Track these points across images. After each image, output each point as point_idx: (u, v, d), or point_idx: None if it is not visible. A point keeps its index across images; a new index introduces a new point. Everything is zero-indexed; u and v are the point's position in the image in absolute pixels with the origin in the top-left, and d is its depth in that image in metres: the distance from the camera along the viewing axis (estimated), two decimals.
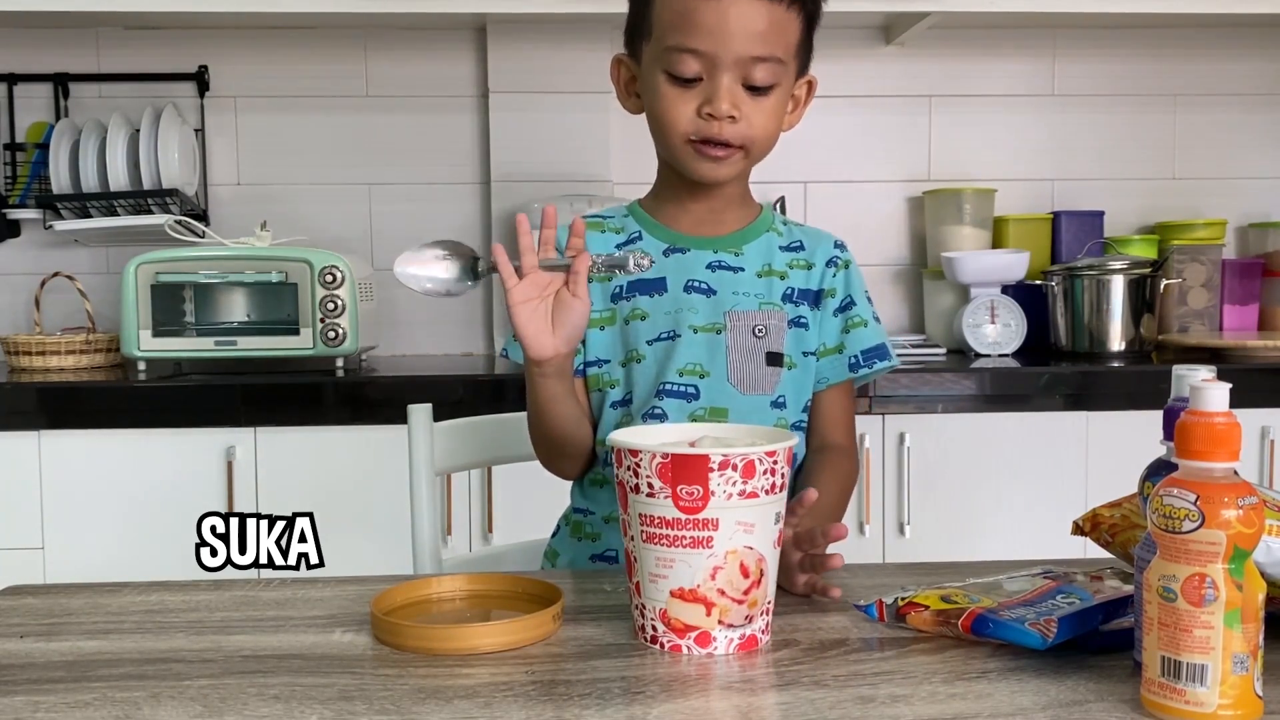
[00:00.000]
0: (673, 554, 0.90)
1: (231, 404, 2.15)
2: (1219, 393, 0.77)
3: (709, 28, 1.13)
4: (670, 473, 0.89)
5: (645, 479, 0.90)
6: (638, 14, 1.21)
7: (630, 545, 0.93)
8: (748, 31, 1.14)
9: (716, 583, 0.90)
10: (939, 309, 2.69)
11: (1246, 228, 2.87)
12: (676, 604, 0.90)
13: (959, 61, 2.80)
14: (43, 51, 2.67)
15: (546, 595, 1.00)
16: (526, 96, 2.65)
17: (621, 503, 0.94)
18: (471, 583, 1.06)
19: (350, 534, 2.16)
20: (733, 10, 1.13)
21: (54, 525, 2.14)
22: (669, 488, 0.89)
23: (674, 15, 1.15)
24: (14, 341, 2.38)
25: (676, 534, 0.90)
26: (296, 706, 0.80)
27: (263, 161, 2.73)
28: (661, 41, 1.17)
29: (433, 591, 1.04)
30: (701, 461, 0.89)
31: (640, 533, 0.92)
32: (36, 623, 1.00)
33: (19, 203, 2.67)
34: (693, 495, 0.89)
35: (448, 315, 2.76)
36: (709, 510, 0.89)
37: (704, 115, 1.16)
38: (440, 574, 1.20)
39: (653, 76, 1.18)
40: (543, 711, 0.78)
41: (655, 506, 0.90)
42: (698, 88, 1.16)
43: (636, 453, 0.91)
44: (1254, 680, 0.76)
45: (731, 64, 1.15)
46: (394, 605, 1.00)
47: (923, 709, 0.79)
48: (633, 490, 0.92)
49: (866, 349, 1.33)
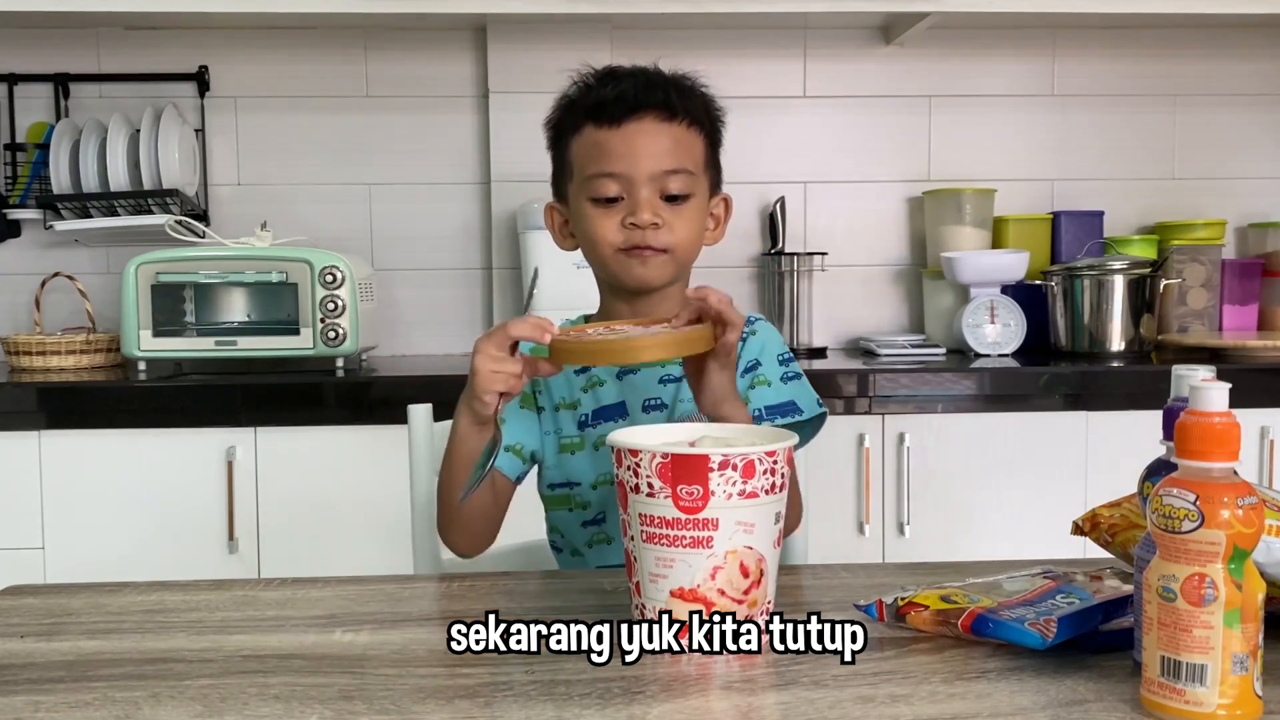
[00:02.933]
0: (673, 554, 0.90)
1: (231, 404, 2.15)
2: (1218, 393, 0.77)
3: (620, 153, 1.26)
4: (670, 472, 0.89)
5: (645, 479, 0.90)
6: (558, 161, 1.34)
7: (630, 545, 0.94)
8: (655, 150, 1.26)
9: (716, 583, 0.90)
10: (939, 309, 2.69)
11: (1246, 228, 2.87)
12: (677, 604, 0.91)
13: (959, 61, 2.80)
14: (43, 51, 2.67)
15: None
16: (526, 96, 2.64)
17: (621, 502, 0.94)
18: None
19: (350, 534, 2.17)
20: (638, 135, 1.26)
21: (54, 525, 2.14)
22: (669, 488, 0.90)
23: (589, 149, 1.28)
24: (14, 341, 2.38)
25: (677, 534, 0.90)
26: (296, 706, 0.80)
27: (263, 161, 2.73)
28: (583, 174, 1.28)
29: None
30: (701, 461, 0.89)
31: (640, 532, 0.92)
32: (36, 623, 1.00)
33: (19, 203, 2.67)
34: (693, 495, 0.89)
35: (448, 315, 2.76)
36: (709, 510, 0.89)
37: (628, 225, 1.26)
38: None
39: (580, 206, 1.29)
40: (543, 711, 0.78)
41: (655, 506, 0.90)
42: (620, 205, 1.27)
43: (636, 452, 0.91)
44: (1254, 680, 0.76)
45: (646, 180, 1.26)
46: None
47: (923, 709, 0.79)
48: (633, 490, 0.92)
49: (769, 405, 1.32)
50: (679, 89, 1.30)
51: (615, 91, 1.27)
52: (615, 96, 1.27)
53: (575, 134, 1.30)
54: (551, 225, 1.37)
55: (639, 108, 1.26)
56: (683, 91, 1.30)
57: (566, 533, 1.35)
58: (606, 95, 1.27)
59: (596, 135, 1.27)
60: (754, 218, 2.75)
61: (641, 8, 2.47)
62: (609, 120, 1.26)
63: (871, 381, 2.23)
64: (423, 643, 0.93)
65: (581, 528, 1.33)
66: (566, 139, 1.31)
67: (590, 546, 1.32)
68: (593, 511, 1.32)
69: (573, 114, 1.31)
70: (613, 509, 1.30)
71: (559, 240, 1.37)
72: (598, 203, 1.27)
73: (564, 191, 1.34)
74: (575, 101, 1.31)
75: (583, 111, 1.29)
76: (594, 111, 1.27)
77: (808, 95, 2.78)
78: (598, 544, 1.31)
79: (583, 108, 1.29)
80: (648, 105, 1.26)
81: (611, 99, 1.27)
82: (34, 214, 2.63)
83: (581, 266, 2.43)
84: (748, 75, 2.73)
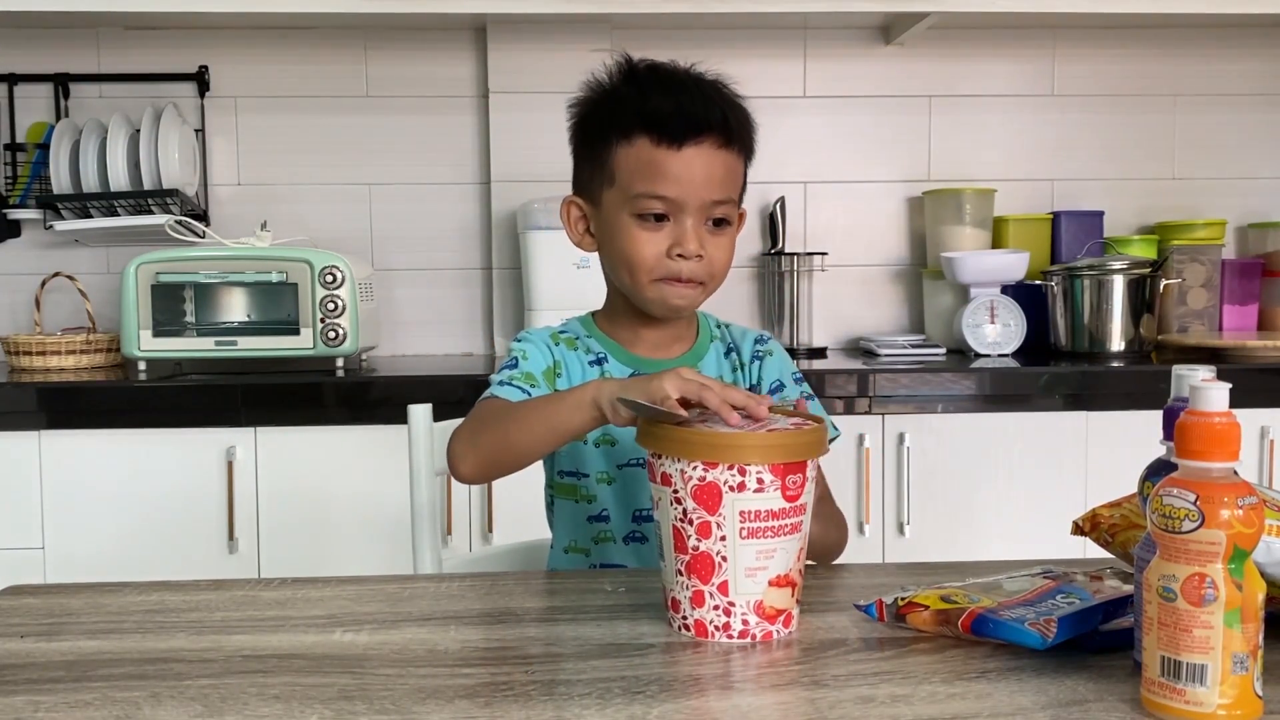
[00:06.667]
0: (774, 544, 0.92)
1: (231, 404, 2.15)
2: (1219, 393, 0.77)
3: (677, 176, 1.21)
4: (783, 465, 0.91)
5: (754, 475, 0.91)
6: (592, 160, 1.27)
7: (709, 546, 0.92)
8: (710, 178, 1.22)
9: (799, 563, 0.94)
10: (939, 309, 2.69)
11: (1246, 228, 2.87)
12: (773, 592, 0.92)
13: (959, 61, 2.80)
14: (43, 51, 2.67)
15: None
16: (526, 96, 2.65)
17: (710, 504, 0.91)
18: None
19: (350, 534, 2.17)
20: (696, 160, 1.21)
21: (54, 525, 2.14)
22: (779, 480, 0.91)
23: (642, 165, 1.22)
24: (14, 341, 2.38)
25: (780, 523, 0.92)
26: (296, 706, 0.80)
27: (263, 161, 2.73)
28: (628, 189, 1.23)
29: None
30: (812, 449, 0.94)
31: (739, 530, 0.91)
32: (36, 623, 1.00)
33: (19, 203, 2.67)
34: (796, 483, 0.92)
35: (448, 315, 2.76)
36: (805, 495, 0.93)
37: (673, 256, 1.23)
38: None
39: (618, 219, 1.25)
40: (543, 711, 0.78)
41: (762, 501, 0.91)
42: (665, 228, 1.23)
43: (741, 449, 0.91)
44: (1254, 680, 0.76)
45: (697, 208, 1.22)
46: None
47: (923, 709, 0.79)
48: (732, 489, 0.91)
49: None
50: (733, 109, 1.25)
51: (674, 105, 1.21)
52: (675, 111, 1.21)
53: (624, 141, 1.23)
54: (569, 221, 1.32)
55: (700, 130, 1.21)
56: (736, 112, 1.25)
57: (571, 525, 1.34)
58: (665, 109, 1.21)
59: (653, 153, 1.21)
60: (754, 218, 2.75)
61: (641, 8, 2.47)
62: (669, 139, 1.21)
63: (871, 381, 2.23)
64: (423, 643, 0.93)
65: (586, 522, 1.32)
66: (610, 142, 1.24)
67: (596, 544, 1.31)
68: (597, 508, 1.31)
69: (622, 117, 1.24)
70: (617, 509, 1.30)
71: (576, 238, 1.32)
72: (642, 220, 1.23)
73: (594, 192, 1.28)
74: (624, 102, 1.24)
75: (636, 119, 1.22)
76: (651, 124, 1.21)
77: (808, 95, 2.78)
78: (603, 542, 1.30)
79: (636, 114, 1.22)
80: (708, 128, 1.21)
81: (671, 114, 1.21)
82: (34, 214, 2.63)
83: (582, 266, 2.46)
84: (747, 75, 2.67)
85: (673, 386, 0.99)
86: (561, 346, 1.32)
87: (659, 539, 0.97)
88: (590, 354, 1.32)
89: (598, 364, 1.31)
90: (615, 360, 1.32)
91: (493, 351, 2.73)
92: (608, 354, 1.32)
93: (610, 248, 1.27)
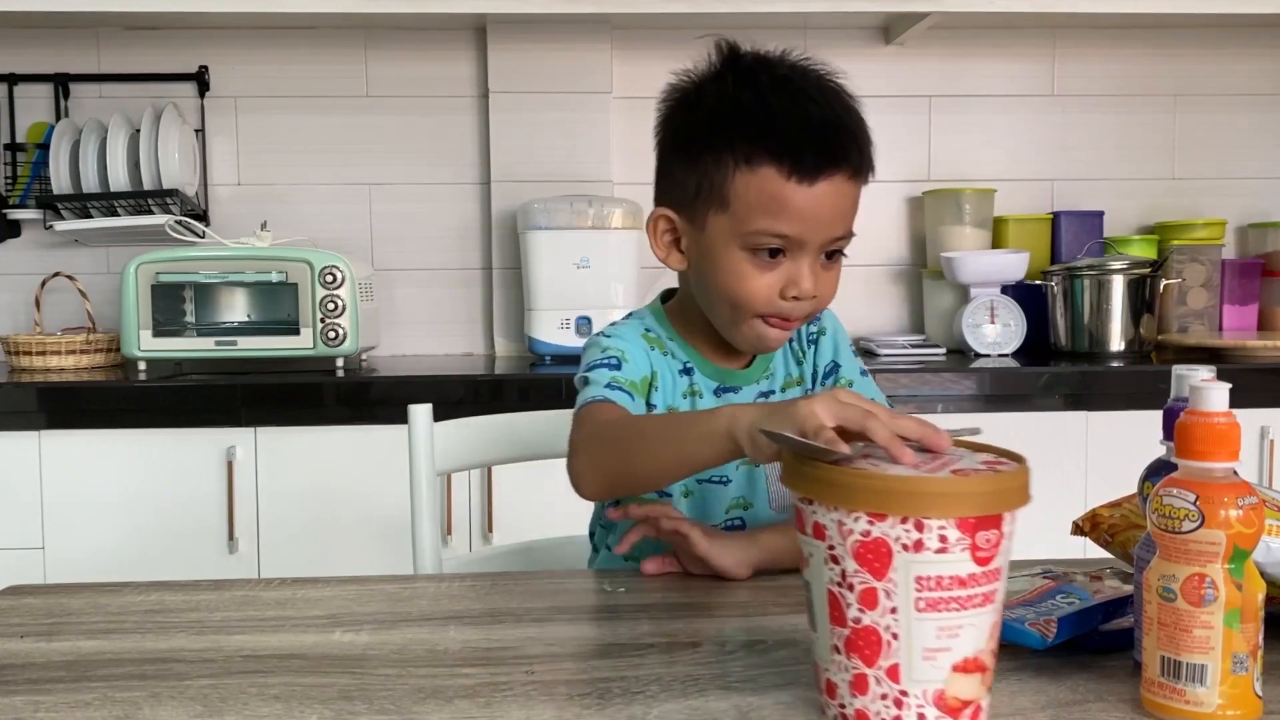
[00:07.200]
0: (961, 619, 0.72)
1: (231, 404, 2.15)
2: (1219, 393, 0.77)
3: (805, 215, 1.09)
4: (974, 518, 0.71)
5: (935, 531, 0.71)
6: (701, 178, 1.13)
7: (875, 620, 0.72)
8: (837, 215, 1.12)
9: (992, 641, 0.74)
10: (939, 309, 2.69)
11: (1246, 228, 2.87)
12: (958, 679, 0.73)
13: (959, 61, 2.80)
14: (43, 51, 2.67)
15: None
16: (526, 96, 2.65)
17: (878, 566, 0.72)
18: None
19: (350, 534, 2.17)
20: (826, 198, 1.10)
21: (54, 525, 2.14)
22: (967, 538, 0.71)
23: (765, 198, 1.09)
24: (14, 341, 2.38)
25: (968, 593, 0.72)
26: (296, 706, 0.80)
27: (263, 161, 2.73)
28: (745, 222, 1.11)
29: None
30: (1009, 499, 0.74)
31: (914, 601, 0.71)
32: (36, 623, 1.00)
33: (19, 203, 2.67)
34: (989, 542, 0.72)
35: (448, 315, 2.76)
36: (999, 556, 0.73)
37: (786, 296, 1.12)
38: None
39: (725, 249, 1.13)
40: (543, 711, 0.78)
41: (946, 564, 0.71)
42: (779, 266, 1.12)
43: (922, 501, 0.71)
44: (1254, 680, 0.76)
45: (818, 246, 1.12)
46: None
47: None
48: (907, 549, 0.71)
49: None
50: (861, 128, 1.15)
51: (808, 132, 1.09)
52: (809, 141, 1.09)
53: (745, 167, 1.10)
54: (655, 235, 1.19)
55: (836, 164, 1.10)
56: (864, 133, 1.15)
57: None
58: (798, 136, 1.09)
59: (781, 187, 1.08)
60: None
61: (641, 8, 2.47)
62: (800, 174, 1.08)
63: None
64: (423, 643, 0.93)
65: None
66: (725, 162, 1.11)
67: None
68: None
69: (742, 136, 1.10)
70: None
71: (661, 253, 1.19)
72: (754, 255, 1.11)
73: (695, 211, 1.15)
74: (744, 116, 1.11)
75: (761, 144, 1.09)
76: (780, 153, 1.08)
77: None
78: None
79: (761, 137, 1.09)
80: (844, 160, 1.10)
81: (805, 143, 1.09)
82: (34, 214, 2.63)
83: (582, 266, 2.46)
84: None
85: (827, 413, 0.83)
86: (655, 352, 1.22)
87: (810, 604, 0.77)
88: (676, 360, 1.23)
89: (686, 374, 1.23)
90: (701, 375, 1.23)
91: (492, 351, 2.73)
92: (694, 367, 1.23)
93: (711, 278, 1.15)
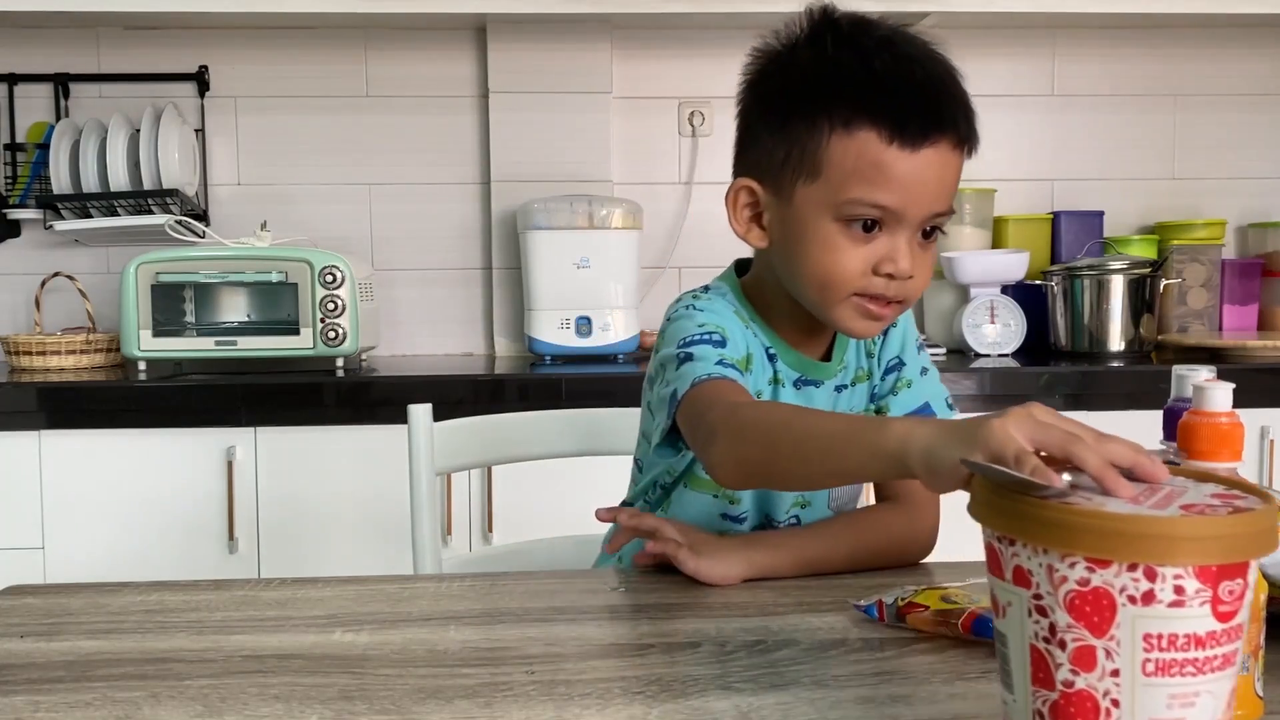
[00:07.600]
0: (1197, 684, 0.60)
1: (231, 404, 2.15)
2: (1222, 393, 0.77)
3: (907, 184, 1.02)
4: (1216, 566, 0.58)
5: (1170, 581, 0.58)
6: (791, 145, 1.06)
7: (1091, 683, 0.60)
8: (940, 187, 1.05)
9: (1230, 710, 0.62)
10: (939, 309, 2.69)
11: (1246, 228, 2.88)
12: None
13: (958, 61, 2.78)
14: (43, 51, 2.67)
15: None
16: (526, 96, 2.65)
17: (1097, 622, 0.59)
18: None
19: (350, 534, 2.16)
20: (929, 168, 1.03)
21: (54, 525, 2.14)
22: (1208, 589, 0.58)
23: (862, 165, 1.02)
24: (14, 341, 2.38)
25: (1208, 654, 0.59)
26: (296, 706, 0.80)
27: (263, 161, 2.73)
28: (840, 191, 1.03)
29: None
30: (1257, 544, 0.60)
31: (1142, 663, 0.59)
32: (36, 623, 1.00)
33: (19, 203, 2.67)
34: (1233, 594, 0.59)
35: (448, 315, 2.76)
36: (1242, 612, 0.60)
37: (881, 273, 1.05)
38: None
39: (817, 221, 1.05)
40: (543, 711, 0.78)
41: (1182, 620, 0.59)
42: (875, 240, 1.05)
43: (1155, 545, 0.58)
44: (1254, 680, 0.76)
45: (918, 221, 1.05)
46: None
47: (923, 709, 0.78)
48: (1135, 601, 0.59)
49: (906, 411, 1.21)
50: (968, 103, 1.07)
51: (913, 93, 1.03)
52: (914, 102, 1.02)
53: (842, 131, 1.03)
54: (735, 209, 1.11)
55: (942, 128, 1.03)
56: (968, 106, 1.08)
57: (695, 517, 1.19)
58: (903, 97, 1.02)
59: (882, 152, 1.02)
60: None
61: (641, 8, 2.47)
62: (904, 138, 1.01)
63: None
64: (423, 643, 0.93)
65: (719, 519, 1.20)
66: (820, 126, 1.04)
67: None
68: (738, 509, 1.20)
69: (840, 97, 1.03)
70: (754, 512, 1.20)
71: (741, 228, 1.12)
72: (848, 228, 1.04)
73: (782, 181, 1.07)
74: (843, 75, 1.04)
75: (862, 105, 1.02)
76: (882, 115, 1.02)
77: None
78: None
79: (862, 98, 1.02)
80: (951, 126, 1.04)
81: (910, 104, 1.02)
82: (34, 214, 2.63)
83: (582, 266, 2.46)
84: None
85: (1025, 435, 0.68)
86: (748, 331, 1.15)
87: (1004, 660, 0.66)
88: (760, 344, 1.16)
89: (770, 360, 1.16)
90: (784, 365, 1.16)
91: (492, 351, 2.73)
92: (777, 355, 1.16)
93: (798, 253, 1.07)
